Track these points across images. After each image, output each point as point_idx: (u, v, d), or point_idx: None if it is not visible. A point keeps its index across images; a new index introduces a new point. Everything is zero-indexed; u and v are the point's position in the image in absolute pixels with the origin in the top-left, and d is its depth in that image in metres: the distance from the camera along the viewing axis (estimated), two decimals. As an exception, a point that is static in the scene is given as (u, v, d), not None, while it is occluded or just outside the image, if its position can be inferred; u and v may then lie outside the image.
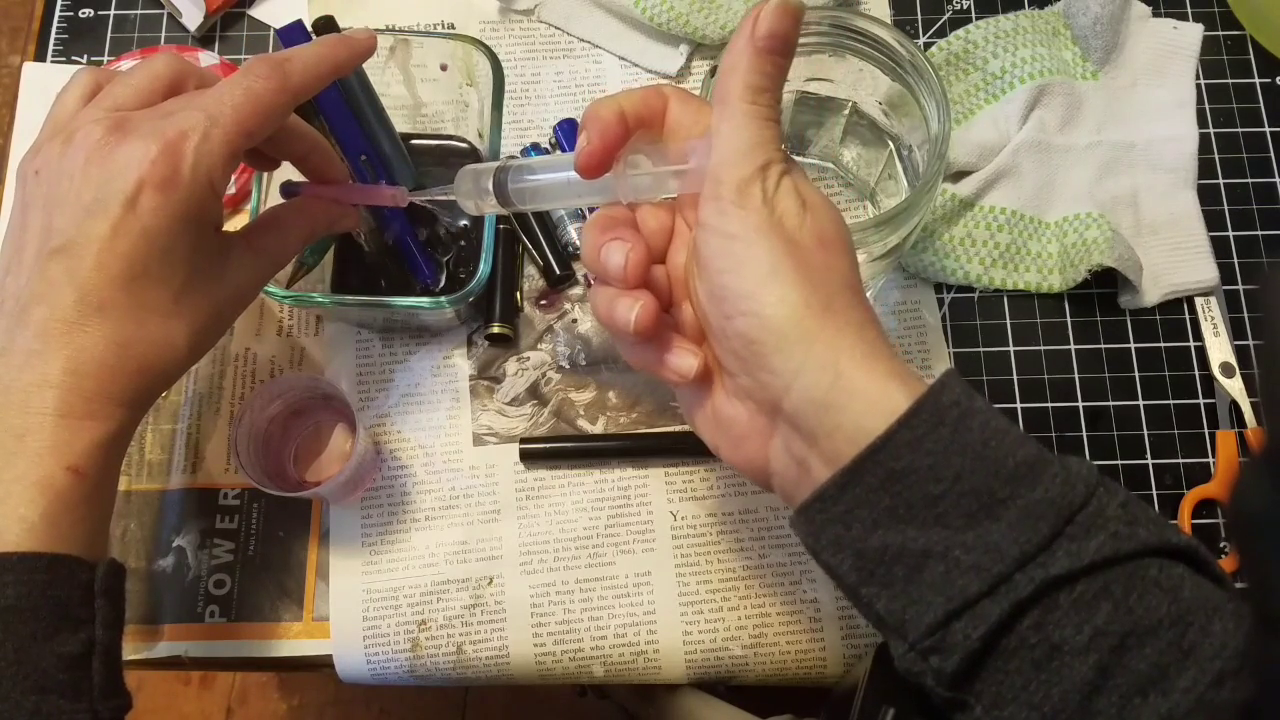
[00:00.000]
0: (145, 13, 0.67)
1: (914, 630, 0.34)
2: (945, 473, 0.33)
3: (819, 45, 0.50)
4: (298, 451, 0.58)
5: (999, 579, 0.32)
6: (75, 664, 0.37)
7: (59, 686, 0.36)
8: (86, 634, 0.38)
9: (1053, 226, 0.62)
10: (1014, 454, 0.33)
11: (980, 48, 0.64)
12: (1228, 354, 0.60)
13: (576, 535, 0.57)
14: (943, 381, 0.34)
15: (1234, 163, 0.64)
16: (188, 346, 0.41)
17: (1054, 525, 0.32)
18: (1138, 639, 0.32)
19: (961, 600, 0.32)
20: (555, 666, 0.55)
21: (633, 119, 0.38)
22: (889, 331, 0.60)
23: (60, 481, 0.38)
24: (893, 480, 0.33)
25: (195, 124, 0.39)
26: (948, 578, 0.33)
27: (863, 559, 0.34)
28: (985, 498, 0.33)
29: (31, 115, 0.65)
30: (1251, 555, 0.26)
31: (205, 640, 0.55)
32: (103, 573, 0.39)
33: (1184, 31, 0.65)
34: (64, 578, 0.37)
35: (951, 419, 0.33)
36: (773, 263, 0.35)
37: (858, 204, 0.62)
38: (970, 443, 0.33)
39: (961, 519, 0.33)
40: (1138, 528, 0.33)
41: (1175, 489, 0.58)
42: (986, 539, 0.32)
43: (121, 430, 0.40)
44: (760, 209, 0.36)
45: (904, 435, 0.33)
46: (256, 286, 0.45)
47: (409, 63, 0.57)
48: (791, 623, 0.55)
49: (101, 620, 0.38)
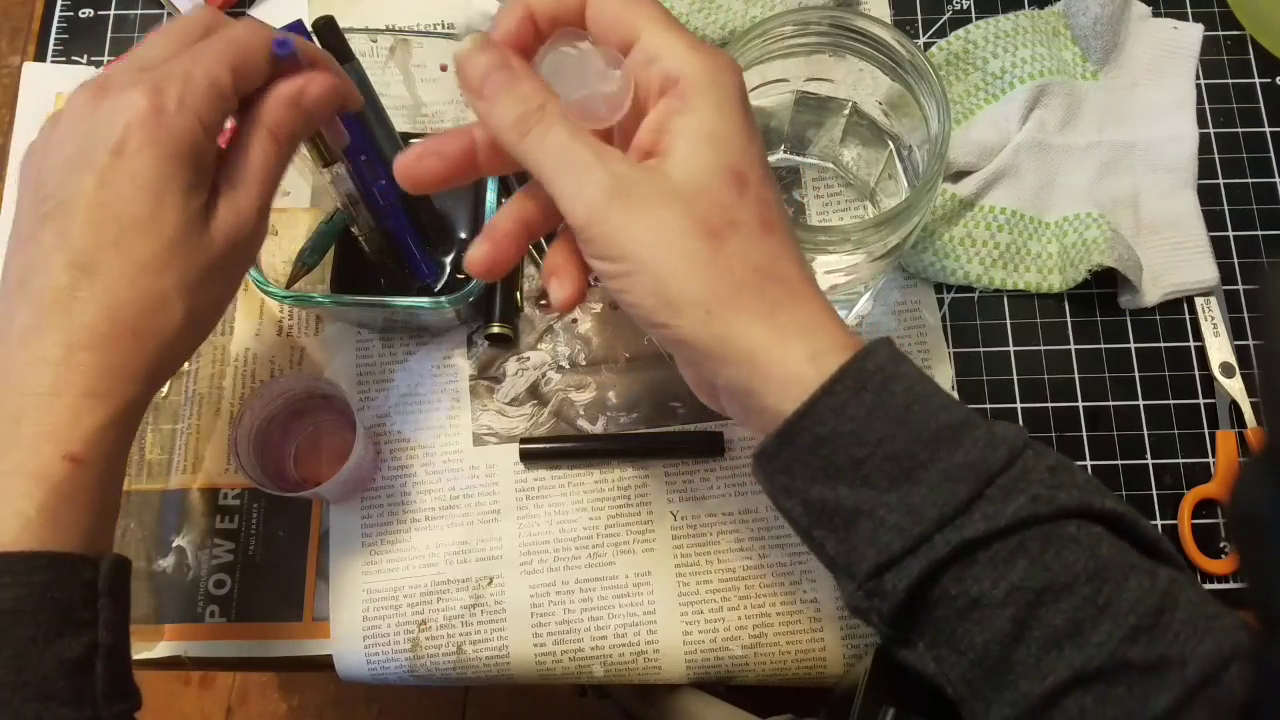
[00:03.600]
0: (145, 13, 0.67)
1: (857, 574, 0.35)
2: (868, 437, 0.34)
3: (819, 45, 0.50)
4: (298, 452, 0.58)
5: (919, 539, 0.33)
6: (78, 669, 0.35)
7: (61, 693, 0.35)
8: (89, 637, 0.36)
9: (1053, 226, 0.62)
10: (937, 418, 0.34)
11: (980, 48, 0.64)
12: (1228, 354, 0.60)
13: (576, 535, 0.57)
14: (868, 349, 0.35)
15: (1234, 163, 0.64)
16: (182, 305, 0.38)
17: (972, 488, 0.33)
18: (1054, 594, 0.33)
19: (888, 555, 0.34)
20: (555, 666, 0.55)
21: (545, 21, 0.36)
22: (889, 332, 0.60)
23: (59, 471, 0.36)
24: (820, 444, 0.34)
25: (178, 66, 0.38)
26: (875, 534, 0.34)
27: (808, 507, 0.36)
28: (906, 461, 0.34)
29: (31, 115, 0.65)
30: (1251, 555, 0.26)
31: (205, 640, 0.55)
32: (106, 571, 0.37)
33: (1184, 31, 0.65)
34: (65, 578, 0.36)
35: (875, 384, 0.34)
36: (661, 286, 0.34)
37: (858, 204, 0.62)
38: (893, 407, 0.34)
39: (885, 481, 0.34)
40: (1059, 491, 0.34)
41: (1175, 489, 0.58)
42: (907, 500, 0.34)
43: (125, 411, 0.38)
44: (628, 237, 0.34)
45: (827, 402, 0.34)
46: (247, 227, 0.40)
47: (409, 63, 0.57)
48: (791, 623, 0.55)
49: (105, 621, 0.36)
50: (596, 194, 0.34)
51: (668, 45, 0.35)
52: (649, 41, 0.35)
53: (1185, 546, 0.56)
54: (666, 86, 0.35)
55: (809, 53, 0.51)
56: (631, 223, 0.34)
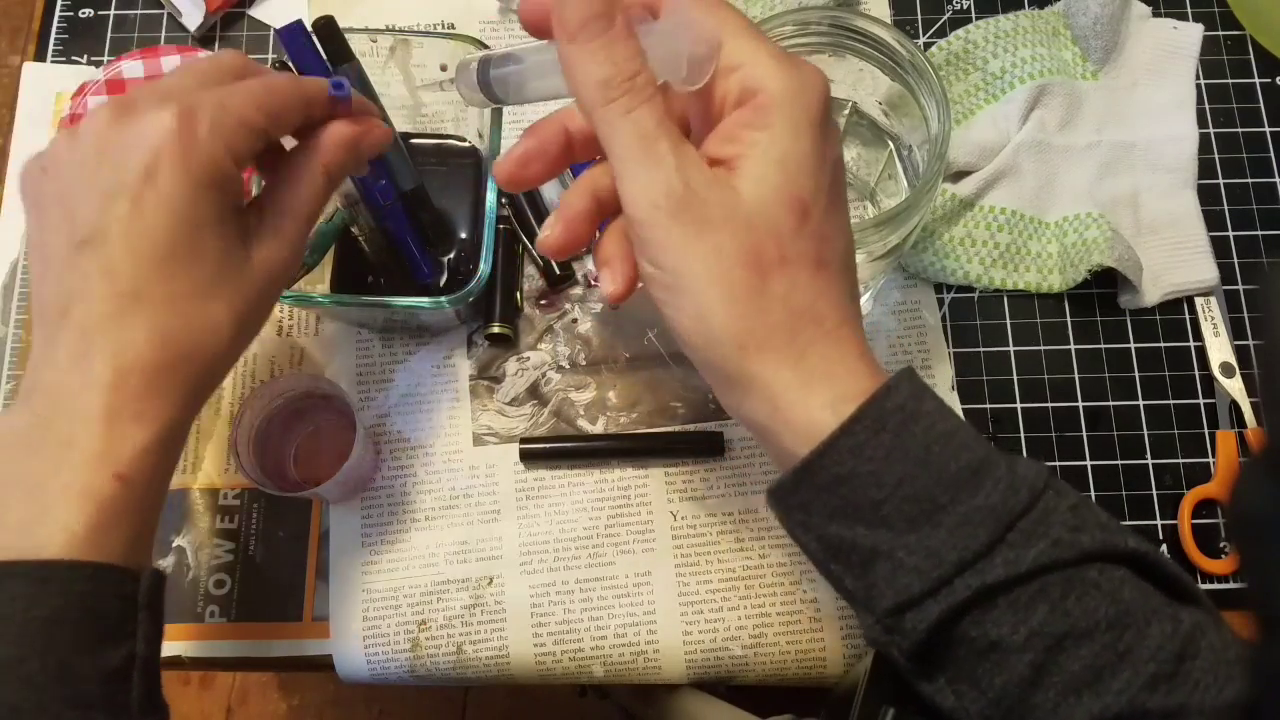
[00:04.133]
0: (145, 13, 0.67)
1: (875, 610, 0.35)
2: (887, 478, 0.33)
3: (819, 45, 0.50)
4: (298, 451, 0.58)
5: (939, 582, 0.33)
6: (115, 678, 0.36)
7: (99, 701, 0.35)
8: (128, 648, 0.36)
9: (1053, 226, 0.62)
10: (957, 459, 0.34)
11: (980, 48, 0.64)
12: (1228, 354, 0.60)
13: (576, 535, 0.57)
14: (889, 386, 0.35)
15: (1234, 163, 0.64)
16: (231, 331, 0.39)
17: (993, 532, 0.33)
18: (1074, 640, 0.33)
19: (907, 596, 0.33)
20: (555, 666, 0.55)
21: None
22: (889, 332, 0.60)
23: (107, 490, 0.36)
24: (838, 483, 0.34)
25: (211, 96, 0.38)
26: (894, 575, 0.34)
27: (824, 543, 0.36)
28: (926, 503, 0.33)
29: (31, 115, 0.65)
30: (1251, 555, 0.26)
31: (205, 640, 0.55)
32: (146, 585, 0.37)
33: (1184, 31, 0.65)
34: (107, 589, 0.36)
35: (894, 424, 0.34)
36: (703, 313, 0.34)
37: (858, 204, 0.62)
38: (912, 448, 0.34)
39: (904, 523, 0.33)
40: (1081, 534, 0.33)
41: (1175, 489, 0.58)
42: (926, 543, 0.33)
43: (170, 432, 0.38)
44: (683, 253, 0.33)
45: (845, 442, 0.34)
46: (287, 256, 0.41)
47: (409, 63, 0.57)
48: (791, 623, 0.55)
49: (143, 634, 0.37)
50: (662, 197, 0.33)
51: (751, 54, 0.34)
52: (731, 49, 0.34)
53: (1185, 546, 0.56)
54: (745, 98, 0.34)
55: (809, 53, 0.51)
56: (689, 240, 0.33)
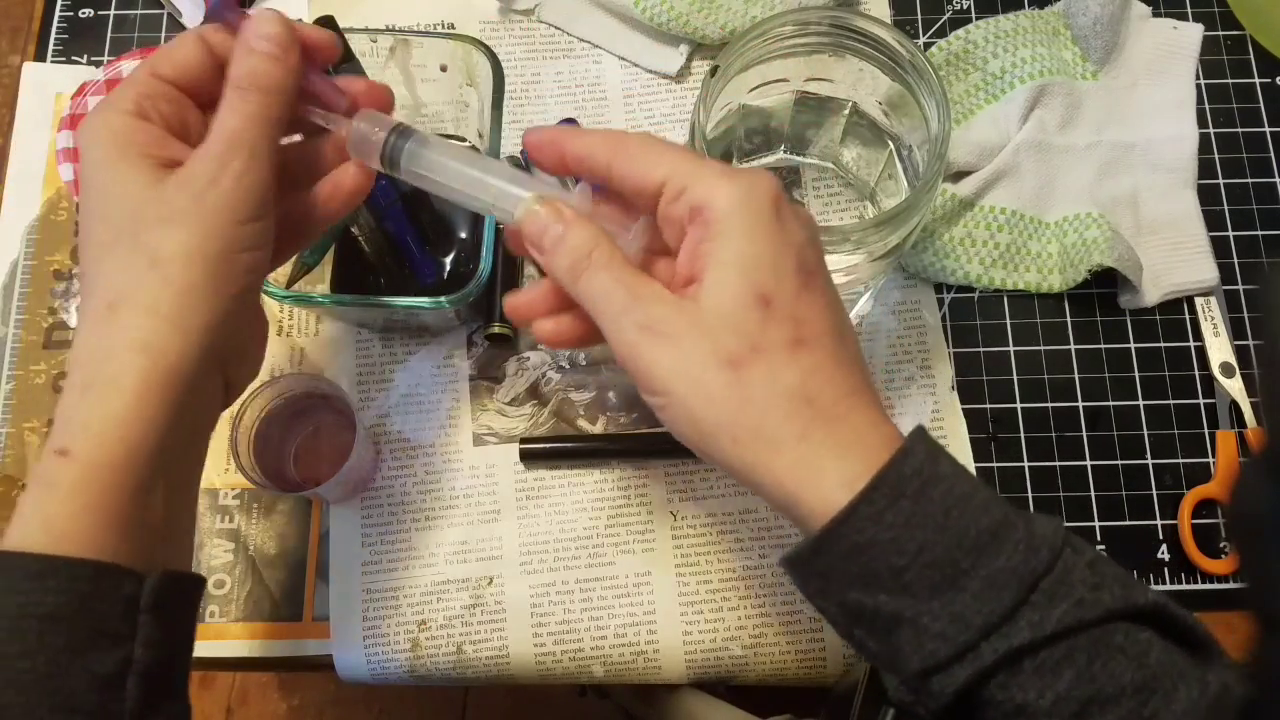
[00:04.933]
0: (145, 13, 0.67)
1: (900, 673, 0.35)
2: (908, 546, 0.33)
3: (819, 45, 0.50)
4: (297, 451, 0.58)
5: (965, 647, 0.33)
6: (108, 684, 0.34)
7: (87, 707, 0.34)
8: (124, 652, 0.35)
9: (1053, 226, 0.62)
10: (976, 522, 0.34)
11: (980, 48, 0.64)
12: (1228, 354, 0.60)
13: (576, 535, 0.57)
14: (905, 449, 0.35)
15: (1234, 163, 0.64)
16: (169, 261, 0.37)
17: (1017, 594, 0.33)
18: (1100, 706, 0.33)
19: (933, 662, 0.33)
20: (555, 666, 0.55)
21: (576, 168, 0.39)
22: (889, 331, 0.60)
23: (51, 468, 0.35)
24: (858, 552, 0.34)
25: None
26: (919, 641, 0.34)
27: (845, 610, 0.36)
28: (949, 568, 0.33)
29: (31, 115, 0.65)
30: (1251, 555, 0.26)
31: (205, 640, 0.55)
32: (152, 587, 0.36)
33: (1184, 31, 0.65)
34: (107, 590, 0.35)
35: (912, 490, 0.34)
36: (693, 416, 0.36)
37: (858, 204, 0.62)
38: (932, 514, 0.34)
39: (926, 589, 0.33)
40: (1102, 592, 0.33)
41: (1175, 489, 0.58)
42: (951, 608, 0.33)
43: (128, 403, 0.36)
44: (661, 371, 0.36)
45: (865, 510, 0.34)
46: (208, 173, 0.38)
47: (409, 63, 0.57)
48: (791, 623, 0.55)
49: (144, 639, 0.35)
50: (630, 334, 0.36)
51: (691, 175, 0.36)
52: (673, 176, 0.37)
53: (1185, 546, 0.56)
54: (695, 216, 0.36)
55: (809, 53, 0.51)
56: (661, 358, 0.36)
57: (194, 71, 0.40)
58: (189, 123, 0.40)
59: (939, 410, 0.59)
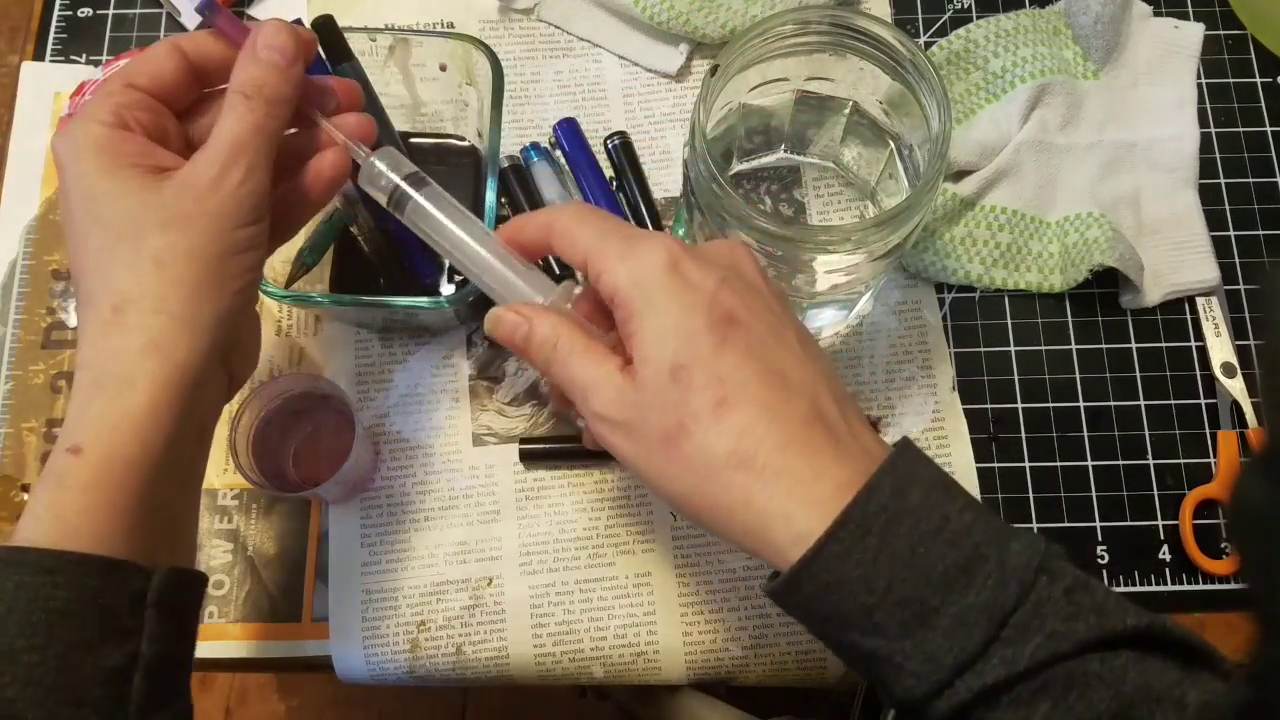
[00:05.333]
0: (144, 12, 0.67)
1: (888, 698, 0.36)
2: (876, 584, 0.34)
3: (820, 44, 0.50)
4: (297, 452, 0.58)
5: (940, 685, 0.33)
6: (115, 678, 0.35)
7: (95, 701, 0.34)
8: (131, 647, 0.36)
9: (1054, 226, 0.61)
10: (944, 558, 0.34)
11: (981, 47, 0.63)
12: (1229, 354, 0.60)
13: (576, 535, 0.57)
14: (870, 486, 0.35)
15: (1235, 162, 0.64)
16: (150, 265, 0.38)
17: (987, 631, 0.33)
18: None
19: (910, 698, 0.34)
20: (555, 667, 0.55)
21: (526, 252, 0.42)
22: (889, 331, 0.60)
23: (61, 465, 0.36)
24: (828, 590, 0.34)
25: None
26: (896, 678, 0.34)
27: (827, 639, 0.37)
28: (917, 606, 0.33)
29: (30, 115, 0.65)
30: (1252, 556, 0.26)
31: (204, 641, 0.55)
32: (159, 582, 0.36)
33: (1185, 31, 0.65)
34: (115, 585, 0.35)
35: (879, 527, 0.34)
36: (657, 488, 0.38)
37: (858, 203, 0.62)
38: (898, 551, 0.34)
39: (897, 628, 0.34)
40: (1077, 623, 0.33)
41: (1176, 489, 0.58)
42: (923, 648, 0.33)
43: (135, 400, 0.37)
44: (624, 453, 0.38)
45: (832, 548, 0.34)
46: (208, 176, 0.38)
47: (408, 62, 0.57)
48: (791, 624, 0.55)
49: (150, 634, 0.36)
50: (594, 423, 0.38)
51: (599, 259, 0.38)
52: (588, 260, 0.39)
53: (1186, 547, 0.56)
54: (611, 298, 0.38)
55: (809, 52, 0.51)
56: (617, 444, 0.38)
57: (168, 80, 0.41)
58: (168, 130, 0.41)
59: (940, 410, 0.59)
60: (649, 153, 0.63)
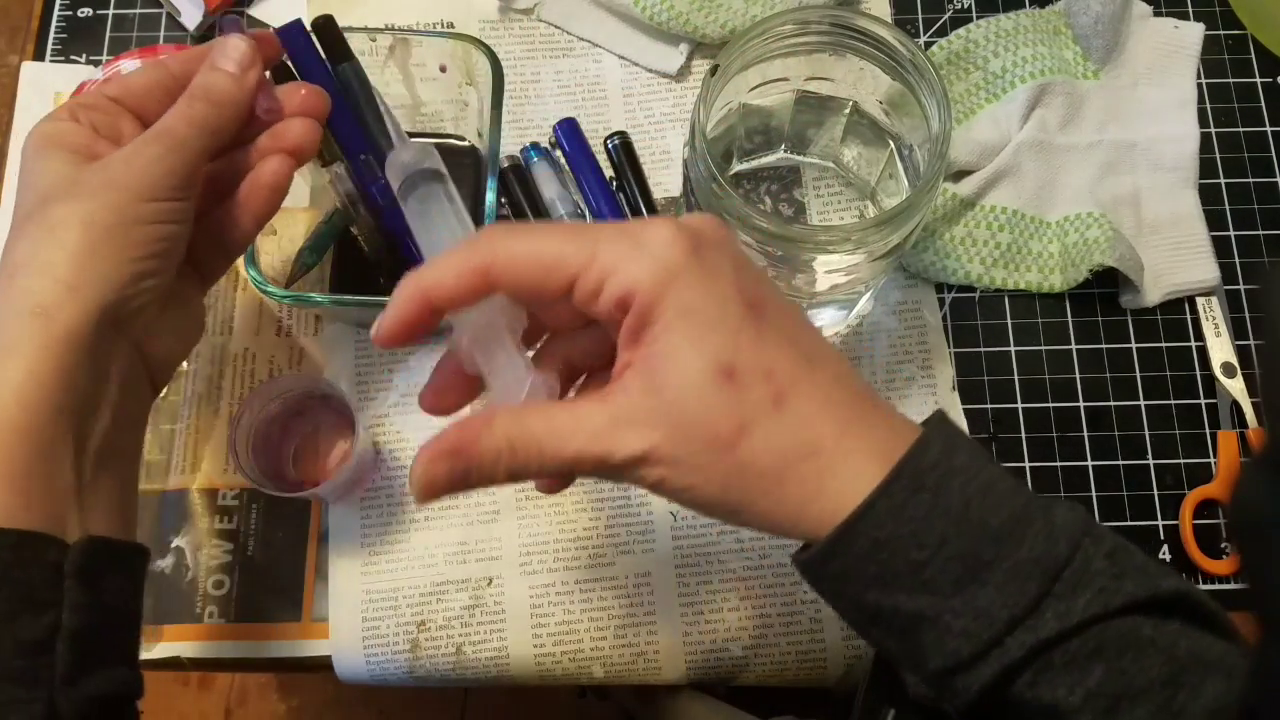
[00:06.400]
0: (144, 12, 0.67)
1: (921, 671, 0.34)
2: (929, 539, 0.33)
3: (820, 44, 0.50)
4: (297, 452, 0.58)
5: (990, 643, 0.32)
6: (35, 650, 0.35)
7: (15, 673, 0.34)
8: (50, 618, 0.35)
9: (1054, 226, 0.62)
10: (997, 513, 0.33)
11: (981, 47, 0.63)
12: (1229, 354, 0.60)
13: (576, 535, 0.57)
14: (923, 441, 0.34)
15: (1235, 162, 0.64)
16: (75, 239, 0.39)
17: (1041, 585, 0.32)
18: (1129, 700, 0.32)
19: (956, 661, 0.33)
20: (555, 667, 0.55)
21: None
22: (890, 331, 0.60)
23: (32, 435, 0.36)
24: (877, 549, 0.33)
25: None
26: (941, 641, 0.33)
27: (862, 611, 0.35)
28: (971, 561, 0.33)
29: (30, 114, 0.65)
30: (1252, 556, 0.26)
31: (204, 641, 0.55)
32: (75, 553, 0.36)
33: (1185, 31, 0.65)
34: (29, 557, 0.35)
35: (932, 482, 0.33)
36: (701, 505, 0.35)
37: (859, 203, 0.62)
38: (951, 506, 0.33)
39: (949, 584, 0.33)
40: (1124, 580, 0.33)
41: (1177, 489, 0.58)
42: (974, 604, 0.33)
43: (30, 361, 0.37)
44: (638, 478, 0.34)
45: (884, 503, 0.33)
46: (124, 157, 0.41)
47: (408, 62, 0.57)
48: (792, 623, 0.55)
49: (71, 604, 0.36)
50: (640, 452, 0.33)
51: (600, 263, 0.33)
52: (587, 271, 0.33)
53: (1187, 547, 0.56)
54: (626, 303, 0.33)
55: (809, 52, 0.51)
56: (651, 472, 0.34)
57: (139, 90, 0.43)
58: (123, 132, 0.43)
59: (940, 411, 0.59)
60: (649, 153, 0.63)
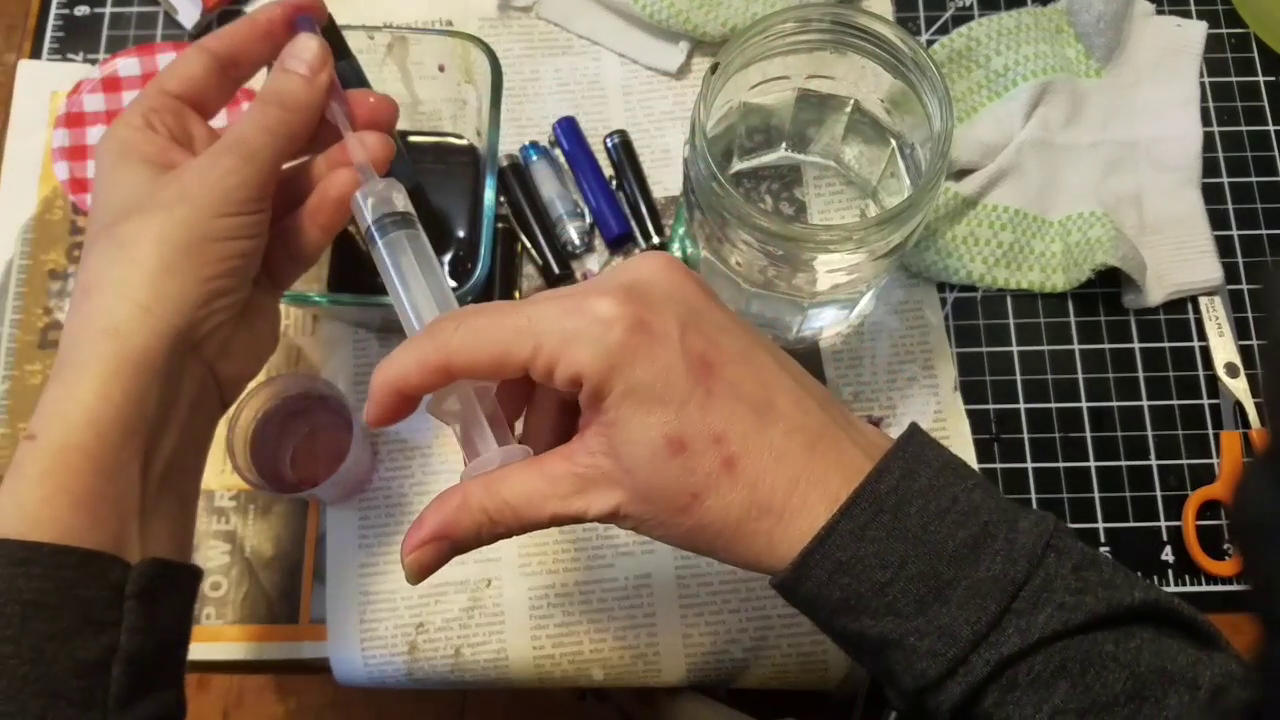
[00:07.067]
0: (142, 10, 0.67)
1: (897, 691, 0.35)
2: (890, 559, 0.33)
3: (821, 42, 0.50)
4: (294, 452, 0.57)
5: (955, 661, 0.33)
6: (92, 670, 0.34)
7: (71, 693, 0.34)
8: (109, 639, 0.35)
9: (1056, 225, 0.61)
10: (953, 536, 0.33)
11: (983, 45, 0.63)
12: (1232, 354, 0.59)
13: (576, 537, 0.56)
14: (880, 469, 0.34)
15: (1238, 161, 0.64)
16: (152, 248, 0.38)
17: (1000, 602, 0.33)
18: (1094, 716, 0.33)
19: (924, 682, 0.33)
20: (554, 669, 0.55)
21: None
22: (891, 332, 0.60)
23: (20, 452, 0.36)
24: (841, 571, 0.34)
25: None
26: (908, 662, 0.33)
27: (836, 635, 0.36)
28: (932, 580, 0.33)
29: (27, 113, 0.64)
30: (1255, 557, 0.26)
31: (201, 642, 0.55)
32: (137, 574, 0.36)
33: (1187, 29, 0.65)
34: (92, 576, 0.35)
35: (890, 505, 0.34)
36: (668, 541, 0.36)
37: (860, 202, 0.61)
38: (910, 529, 0.33)
39: (912, 605, 0.33)
40: (1085, 596, 0.33)
41: (1179, 490, 0.57)
42: (937, 623, 0.33)
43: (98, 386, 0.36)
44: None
45: (845, 525, 0.33)
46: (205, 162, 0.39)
47: (407, 60, 0.57)
48: (792, 625, 0.55)
49: (130, 625, 0.35)
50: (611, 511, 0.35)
51: (557, 350, 0.33)
52: (538, 358, 0.33)
53: (1189, 548, 0.56)
54: (576, 383, 0.34)
55: (810, 50, 0.50)
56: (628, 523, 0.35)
57: (197, 83, 0.42)
58: (193, 134, 0.42)
59: (941, 411, 0.59)
60: (649, 151, 0.63)
